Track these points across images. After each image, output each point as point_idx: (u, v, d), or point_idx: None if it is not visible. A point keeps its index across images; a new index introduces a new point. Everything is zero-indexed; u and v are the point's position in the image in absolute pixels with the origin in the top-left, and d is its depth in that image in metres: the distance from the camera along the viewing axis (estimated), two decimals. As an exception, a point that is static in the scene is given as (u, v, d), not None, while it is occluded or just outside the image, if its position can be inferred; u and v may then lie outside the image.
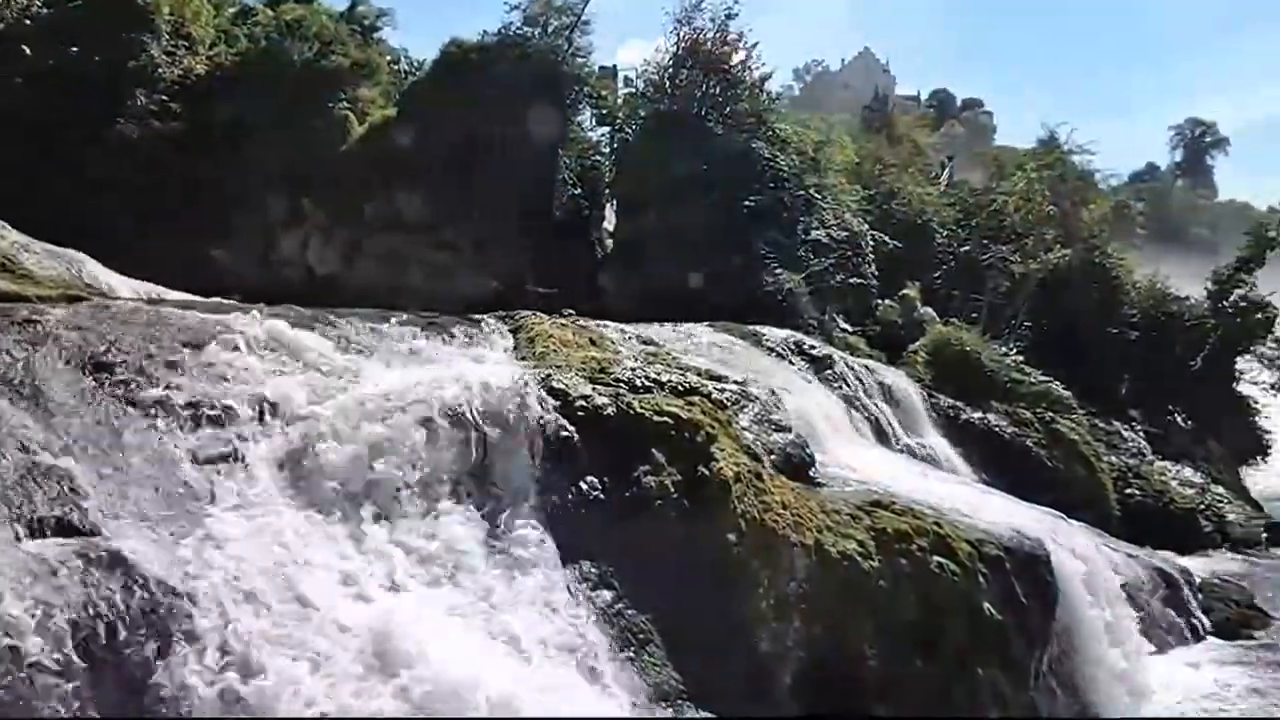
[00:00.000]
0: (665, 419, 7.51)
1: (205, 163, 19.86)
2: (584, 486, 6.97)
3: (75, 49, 19.86)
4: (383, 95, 22.18)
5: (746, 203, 18.91)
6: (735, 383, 9.78)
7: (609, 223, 21.78)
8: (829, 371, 13.82)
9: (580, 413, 7.32)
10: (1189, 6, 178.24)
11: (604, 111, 22.23)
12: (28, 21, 19.55)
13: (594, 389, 7.65)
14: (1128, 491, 17.26)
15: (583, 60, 21.56)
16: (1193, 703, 9.52)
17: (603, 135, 22.77)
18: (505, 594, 6.13)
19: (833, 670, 7.28)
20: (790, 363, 13.67)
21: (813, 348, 14.50)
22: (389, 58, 24.48)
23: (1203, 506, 18.17)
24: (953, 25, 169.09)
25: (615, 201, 21.68)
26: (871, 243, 21.25)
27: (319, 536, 5.68)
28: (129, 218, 18.63)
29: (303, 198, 20.54)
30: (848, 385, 13.77)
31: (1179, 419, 22.53)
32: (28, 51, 19.19)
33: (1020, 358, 18.44)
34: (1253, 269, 23.33)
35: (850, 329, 19.25)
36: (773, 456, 8.61)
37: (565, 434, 7.15)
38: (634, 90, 22.39)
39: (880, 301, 20.54)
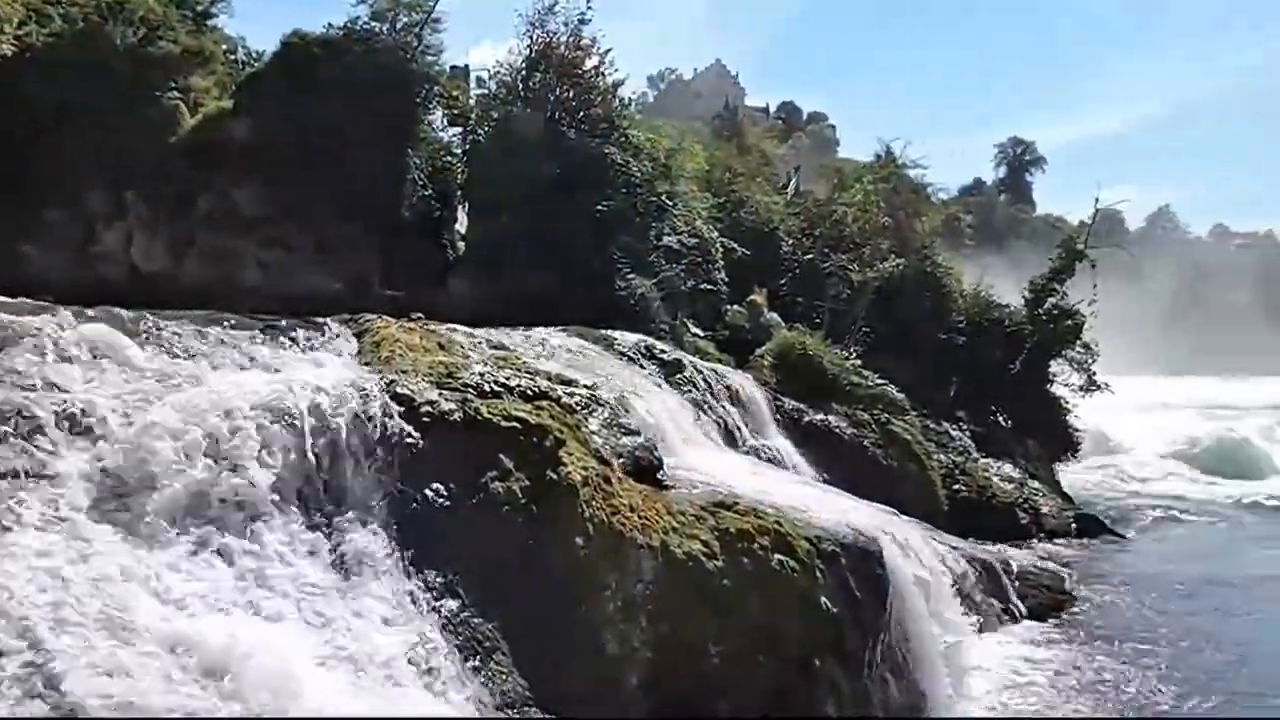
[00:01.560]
0: (513, 424, 7.47)
1: (14, 152, 18.22)
2: (429, 494, 6.84)
3: None
4: (217, 86, 20.89)
5: (599, 208, 18.97)
6: (585, 387, 9.82)
7: (461, 224, 21.32)
8: (679, 375, 14.10)
9: (426, 418, 7.19)
10: (1017, 34, 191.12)
11: (456, 111, 21.76)
12: None
13: (440, 394, 7.52)
14: (955, 488, 18.23)
15: (433, 59, 21.01)
16: (1004, 675, 10.29)
17: (455, 136, 22.28)
18: (345, 607, 5.94)
19: (678, 670, 7.41)
20: (641, 367, 13.85)
21: (663, 352, 14.75)
22: (225, 47, 23.12)
23: (1021, 500, 19.37)
24: (801, 40, 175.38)
25: (468, 203, 21.27)
26: (721, 249, 21.72)
27: (137, 554, 5.33)
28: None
29: (126, 190, 19.11)
30: (697, 389, 14.09)
31: (1000, 419, 23.87)
32: None
33: (859, 361, 19.20)
34: (1064, 279, 24.89)
35: (700, 333, 19.62)
36: (622, 460, 8.68)
37: (410, 440, 7.01)
38: (486, 91, 22.03)
39: (729, 307, 21.04)
